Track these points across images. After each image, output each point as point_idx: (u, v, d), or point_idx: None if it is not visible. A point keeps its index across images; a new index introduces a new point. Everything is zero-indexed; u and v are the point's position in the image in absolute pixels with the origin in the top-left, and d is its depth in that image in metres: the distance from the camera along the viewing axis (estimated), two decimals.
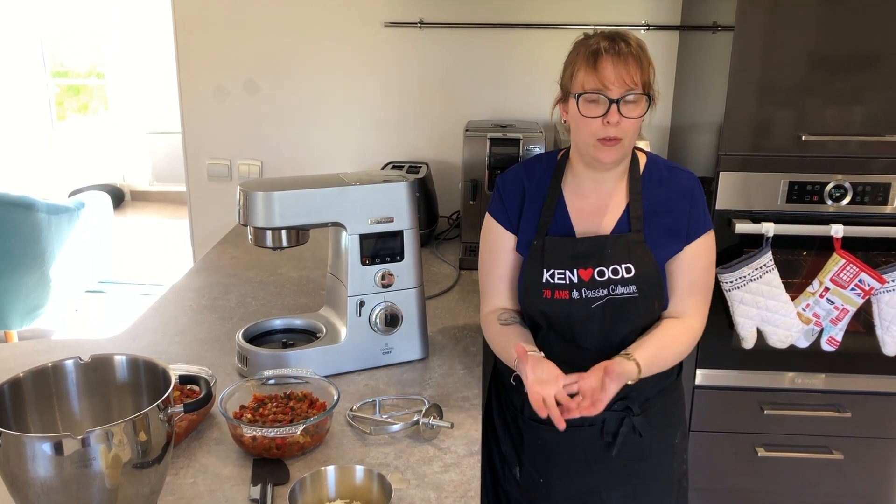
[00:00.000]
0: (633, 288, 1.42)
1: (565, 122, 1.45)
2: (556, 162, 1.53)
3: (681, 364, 1.59)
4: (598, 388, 1.29)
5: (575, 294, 1.43)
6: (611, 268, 1.42)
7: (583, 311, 1.43)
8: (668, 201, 1.46)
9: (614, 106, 1.34)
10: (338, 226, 1.57)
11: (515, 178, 1.54)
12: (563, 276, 1.44)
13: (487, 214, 1.57)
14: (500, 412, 1.66)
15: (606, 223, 1.47)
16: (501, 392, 1.65)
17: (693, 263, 1.47)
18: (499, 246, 1.54)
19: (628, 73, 1.34)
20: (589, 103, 1.37)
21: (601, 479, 1.54)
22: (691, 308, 1.48)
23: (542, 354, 1.39)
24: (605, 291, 1.42)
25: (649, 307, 1.44)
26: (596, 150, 1.39)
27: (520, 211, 1.51)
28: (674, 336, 1.46)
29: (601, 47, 1.35)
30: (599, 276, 1.42)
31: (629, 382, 1.35)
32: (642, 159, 1.51)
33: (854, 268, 2.03)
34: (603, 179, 1.48)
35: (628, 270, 1.42)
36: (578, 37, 1.43)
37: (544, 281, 1.45)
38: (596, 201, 1.48)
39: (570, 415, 1.28)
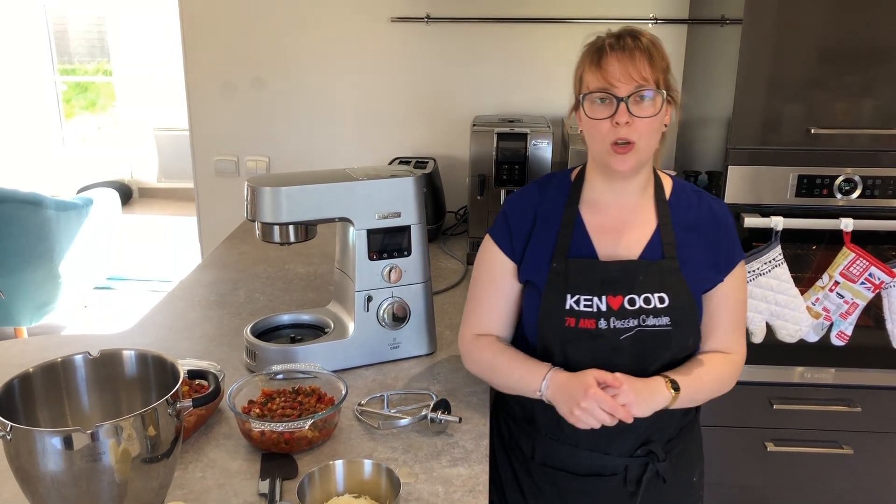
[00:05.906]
0: (666, 319, 1.29)
1: (581, 131, 1.35)
2: (570, 181, 1.41)
3: None
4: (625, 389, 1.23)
5: (602, 324, 1.29)
6: (643, 296, 1.30)
7: (610, 344, 1.30)
8: (700, 227, 1.37)
9: (623, 105, 1.24)
10: (345, 221, 1.57)
11: (526, 201, 1.41)
12: (589, 302, 1.30)
13: (487, 236, 1.44)
14: (505, 457, 1.50)
15: (631, 244, 1.35)
16: (506, 436, 1.49)
17: (736, 296, 1.38)
18: (496, 274, 1.41)
19: (635, 68, 1.24)
20: (597, 105, 1.27)
21: None
22: (735, 344, 1.40)
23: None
24: (636, 322, 1.29)
25: (683, 342, 1.33)
26: (610, 158, 1.28)
27: (528, 237, 1.38)
28: (719, 370, 1.37)
29: (605, 44, 1.27)
30: (630, 305, 1.30)
31: (663, 406, 1.27)
32: (667, 183, 1.40)
33: (864, 262, 2.02)
34: (622, 192, 1.36)
35: (661, 300, 1.30)
36: (587, 37, 1.34)
37: (568, 307, 1.31)
38: (616, 217, 1.36)
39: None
